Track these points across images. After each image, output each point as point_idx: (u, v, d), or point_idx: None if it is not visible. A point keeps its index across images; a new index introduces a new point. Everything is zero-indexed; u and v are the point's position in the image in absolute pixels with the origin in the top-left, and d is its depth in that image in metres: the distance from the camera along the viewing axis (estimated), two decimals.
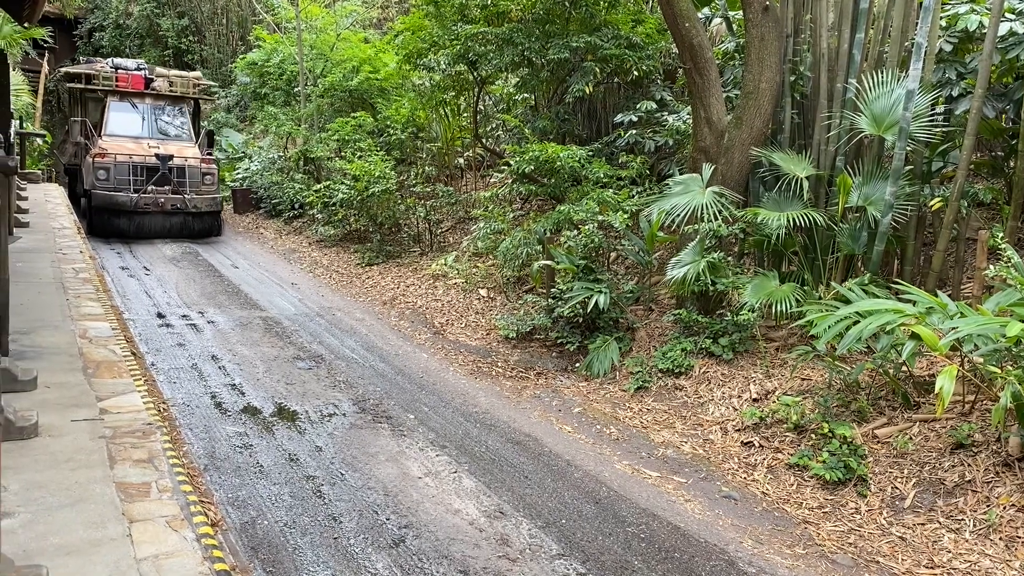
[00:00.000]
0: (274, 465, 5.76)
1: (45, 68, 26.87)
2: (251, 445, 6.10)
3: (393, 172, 14.50)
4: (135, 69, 17.78)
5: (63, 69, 18.88)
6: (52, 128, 26.75)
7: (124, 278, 12.41)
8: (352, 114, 16.86)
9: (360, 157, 14.80)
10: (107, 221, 15.48)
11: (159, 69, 18.27)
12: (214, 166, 17.32)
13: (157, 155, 16.03)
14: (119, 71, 17.39)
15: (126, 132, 16.89)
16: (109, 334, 5.61)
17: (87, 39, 31.08)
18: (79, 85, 17.52)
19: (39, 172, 21.14)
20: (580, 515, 5.31)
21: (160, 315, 10.15)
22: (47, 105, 28.27)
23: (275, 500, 5.18)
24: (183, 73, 18.49)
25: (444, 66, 13.81)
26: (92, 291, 6.93)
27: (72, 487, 3.22)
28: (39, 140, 21.79)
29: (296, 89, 19.21)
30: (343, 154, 16.18)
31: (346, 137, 16.19)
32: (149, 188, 15.76)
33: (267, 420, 6.69)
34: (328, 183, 15.63)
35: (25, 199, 13.59)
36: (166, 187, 16.01)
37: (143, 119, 17.34)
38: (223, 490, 5.22)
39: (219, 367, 8.07)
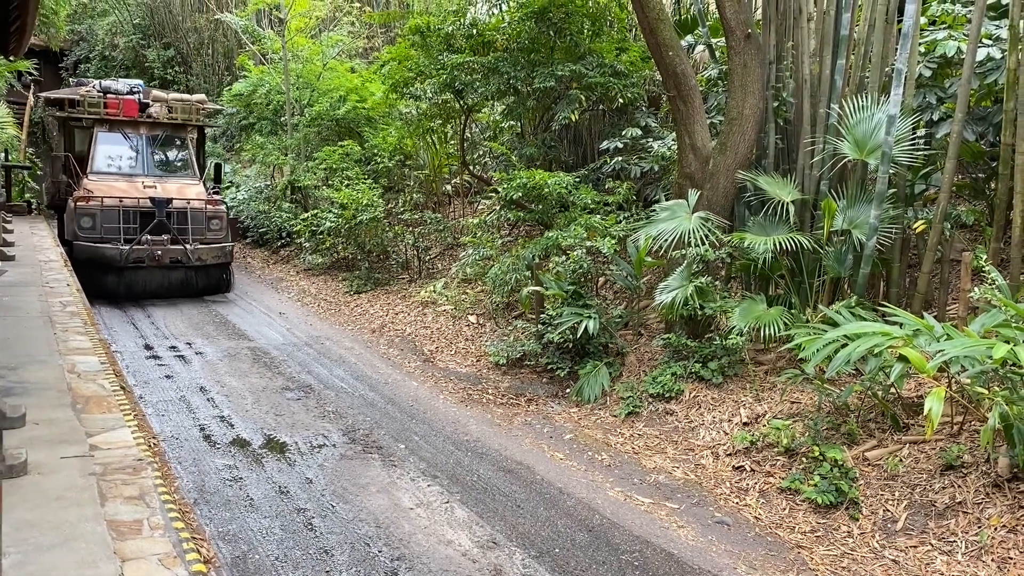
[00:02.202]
0: (264, 498, 5.72)
1: (31, 100, 26.85)
2: (241, 478, 6.06)
3: (381, 200, 14.55)
4: (127, 93, 14.80)
5: (46, 94, 15.84)
6: (36, 159, 26.67)
7: (107, 308, 12.36)
8: (339, 143, 16.93)
9: (348, 185, 14.84)
10: (93, 279, 12.48)
11: (156, 92, 15.21)
12: (222, 207, 14.23)
13: (153, 198, 13.12)
14: (108, 95, 14.36)
15: (116, 169, 14.11)
16: (98, 368, 5.57)
17: (72, 71, 31.10)
18: (63, 113, 14.67)
19: (24, 204, 21.04)
20: (573, 543, 5.29)
21: (148, 347, 10.10)
22: (32, 137, 28.23)
23: (266, 534, 5.14)
24: (184, 96, 15.35)
25: (431, 95, 13.92)
26: (80, 325, 6.90)
27: (63, 526, 3.18)
28: (24, 172, 21.72)
29: (283, 118, 19.27)
30: (331, 182, 16.21)
31: (334, 166, 16.24)
32: (143, 239, 12.84)
33: (256, 452, 6.65)
34: (316, 211, 15.65)
35: (11, 231, 13.53)
36: (164, 236, 13.04)
37: (137, 152, 14.35)
38: (213, 524, 5.18)
39: (207, 399, 8.03)
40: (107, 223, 12.76)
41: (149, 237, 12.84)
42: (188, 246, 13.10)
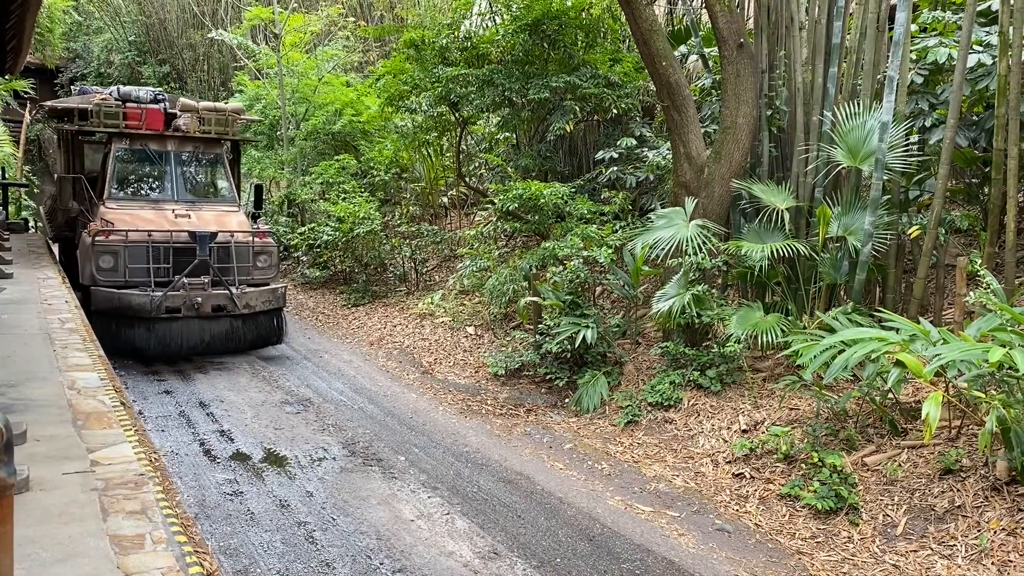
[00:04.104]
0: (265, 512, 5.72)
1: (27, 118, 26.92)
2: (241, 492, 6.07)
3: (378, 213, 14.59)
4: (151, 101, 11.96)
5: (50, 103, 12.84)
6: (33, 177, 26.68)
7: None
8: (335, 156, 16.98)
9: (344, 199, 14.88)
10: (117, 333, 9.88)
11: (184, 100, 12.37)
12: (271, 240, 11.55)
13: (193, 231, 10.39)
14: (128, 104, 11.59)
15: (139, 194, 11.40)
16: (98, 384, 5.58)
17: (68, 88, 31.21)
18: (71, 126, 11.89)
19: (22, 222, 21.04)
20: (575, 553, 5.30)
21: (146, 363, 10.10)
22: (28, 154, 28.27)
23: (267, 547, 5.14)
24: (218, 105, 12.45)
25: (426, 107, 13.98)
26: (79, 341, 6.90)
27: (65, 541, 3.19)
28: (21, 191, 21.74)
29: (279, 133, 19.33)
30: (327, 196, 16.25)
31: (330, 179, 16.28)
32: (181, 282, 10.10)
33: (257, 466, 6.65)
34: (313, 225, 15.68)
35: (9, 249, 13.50)
36: (203, 278, 10.28)
37: (164, 173, 11.51)
38: (214, 538, 5.19)
39: (207, 413, 8.03)
40: (133, 263, 10.08)
41: (186, 280, 10.08)
42: (234, 290, 10.34)
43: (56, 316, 7.87)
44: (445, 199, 16.74)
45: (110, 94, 11.87)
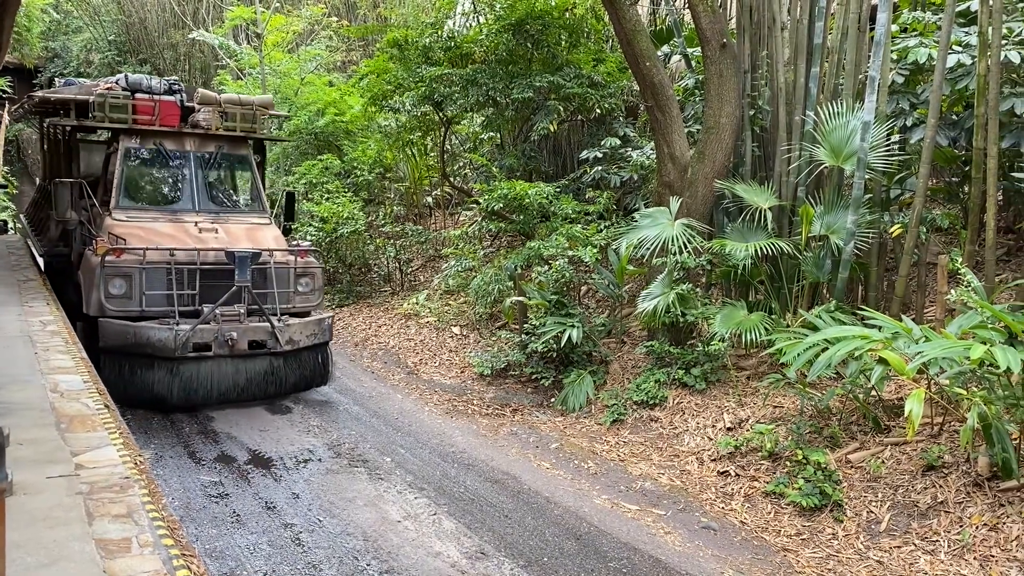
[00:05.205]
0: (251, 514, 5.70)
1: (6, 119, 26.62)
2: (227, 494, 6.04)
3: (362, 213, 14.53)
4: (165, 92, 9.71)
5: (40, 95, 10.34)
6: (12, 178, 26.39)
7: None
8: (319, 156, 16.91)
9: (328, 199, 14.81)
10: (130, 377, 7.87)
11: (203, 91, 10.09)
12: (313, 260, 9.37)
13: (230, 251, 8.33)
14: (137, 95, 9.38)
15: (155, 204, 9.31)
16: (81, 387, 5.53)
17: (47, 88, 30.92)
18: (67, 122, 9.70)
19: (1, 223, 20.80)
20: (562, 552, 5.31)
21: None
22: (7, 155, 27.96)
23: (254, 550, 5.12)
24: (244, 98, 10.26)
25: (410, 107, 13.94)
26: (61, 343, 6.83)
27: (51, 545, 3.17)
28: (1, 192, 21.47)
29: None
30: (310, 196, 16.17)
31: (313, 180, 16.20)
32: (213, 313, 8.07)
33: (242, 468, 6.62)
34: (296, 225, 15.58)
35: None
36: (236, 307, 8.25)
37: (184, 179, 9.45)
38: (200, 541, 5.16)
39: (191, 415, 7.98)
40: (151, 288, 8.13)
41: (219, 311, 8.10)
42: (276, 321, 8.34)
43: (37, 318, 7.79)
44: (429, 199, 16.71)
45: (116, 82, 9.69)
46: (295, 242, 9.89)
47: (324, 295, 9.42)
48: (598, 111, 12.14)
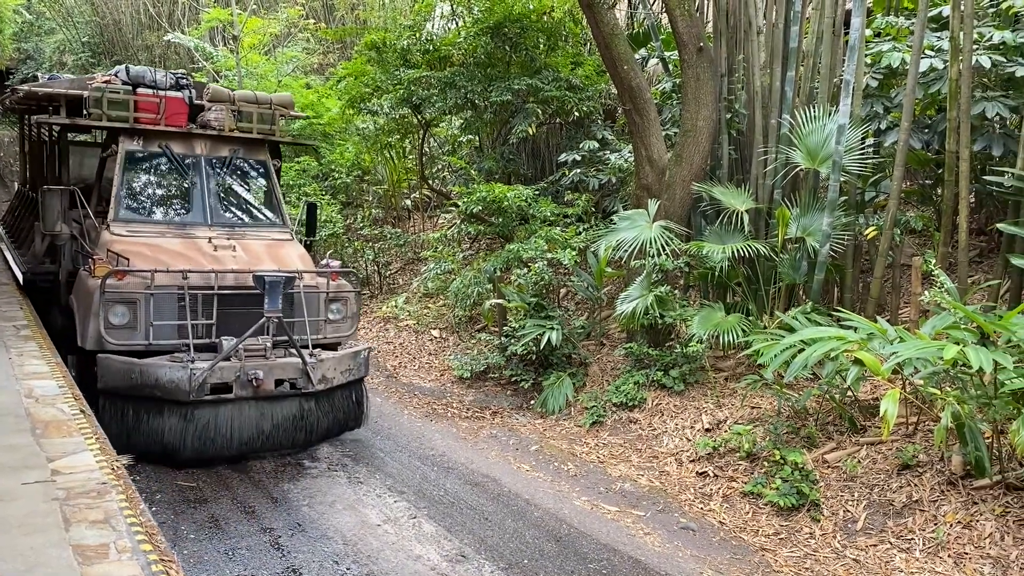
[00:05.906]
0: (230, 519, 5.66)
1: None
2: (205, 499, 5.99)
3: (339, 216, 14.48)
4: (171, 87, 8.37)
5: (26, 88, 8.65)
6: None
7: None
8: (296, 159, 16.82)
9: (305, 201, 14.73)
10: (135, 424, 6.56)
11: (215, 87, 8.79)
12: (346, 282, 8.05)
13: (260, 276, 6.80)
14: (140, 90, 8.02)
15: (162, 217, 7.92)
16: (56, 392, 5.47)
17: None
18: (59, 119, 8.10)
19: None
20: (542, 554, 5.32)
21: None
22: None
23: (232, 555, 5.09)
24: (261, 95, 8.96)
25: (388, 110, 13.89)
26: (35, 348, 6.75)
27: (27, 552, 3.14)
28: None
29: None
30: (287, 199, 16.08)
31: (290, 182, 16.12)
32: (235, 350, 6.70)
33: (221, 473, 6.57)
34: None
35: None
36: (260, 340, 6.90)
37: (195, 188, 8.02)
38: (178, 547, 5.11)
39: None
40: (160, 318, 6.80)
41: (243, 347, 6.75)
42: (308, 357, 6.95)
43: (11, 323, 7.70)
44: (408, 202, 16.67)
45: (115, 75, 8.34)
46: (324, 261, 8.57)
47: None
48: (576, 114, 12.17)
